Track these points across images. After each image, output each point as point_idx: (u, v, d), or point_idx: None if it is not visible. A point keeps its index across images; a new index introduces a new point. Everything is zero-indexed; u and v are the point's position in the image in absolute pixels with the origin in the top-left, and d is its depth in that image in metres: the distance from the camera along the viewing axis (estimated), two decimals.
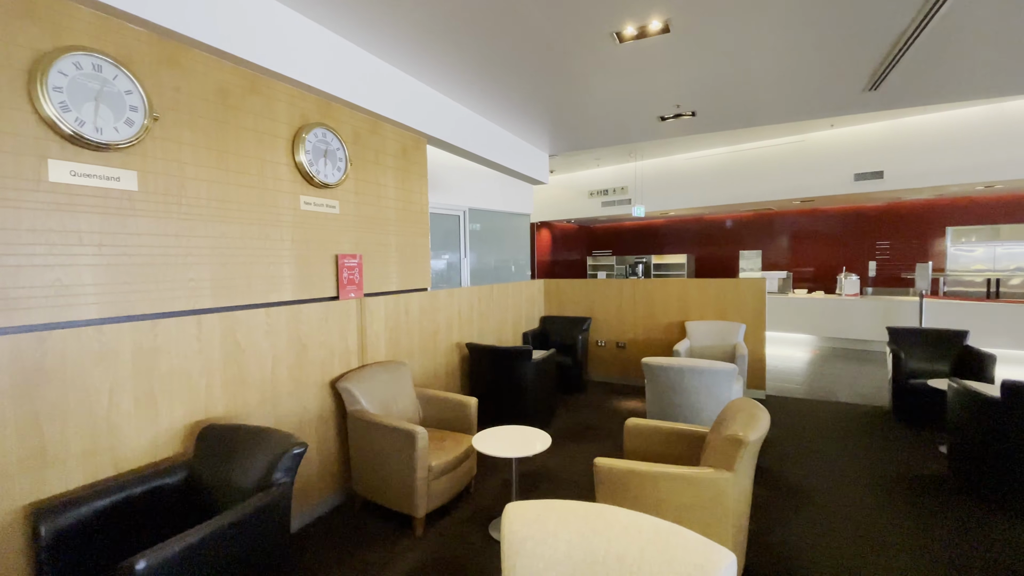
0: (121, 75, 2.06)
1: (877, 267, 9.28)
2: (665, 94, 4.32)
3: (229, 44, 2.42)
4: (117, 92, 2.05)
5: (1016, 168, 6.51)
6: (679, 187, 9.38)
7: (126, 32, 2.13)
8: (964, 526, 2.68)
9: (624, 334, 5.93)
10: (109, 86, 2.02)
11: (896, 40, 3.26)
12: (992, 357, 3.95)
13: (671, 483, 1.94)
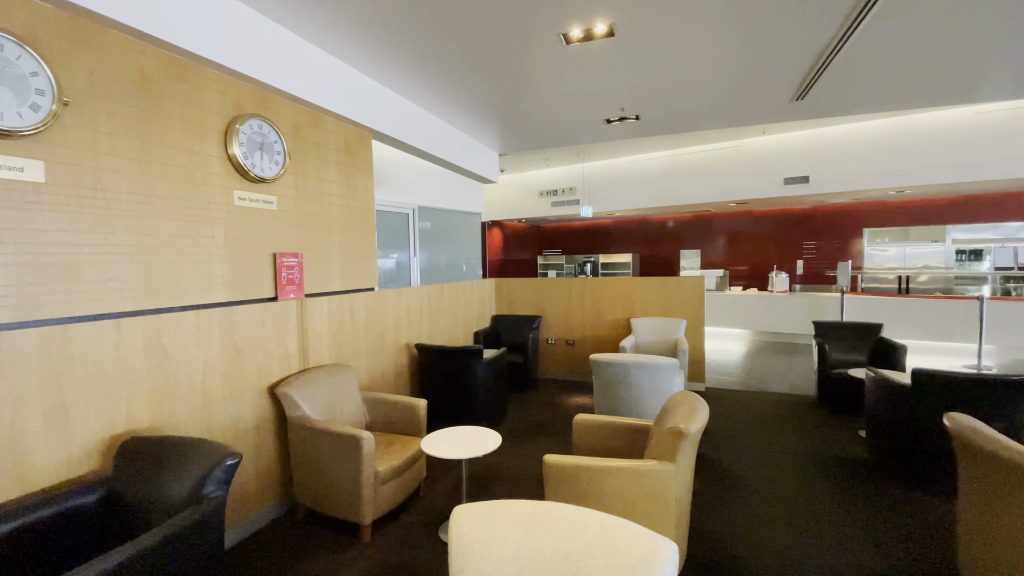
0: (26, 55, 1.86)
1: (804, 265, 9.96)
2: (611, 97, 4.43)
3: (150, 25, 2.24)
4: (21, 74, 1.85)
5: (924, 175, 7.18)
6: (624, 188, 9.65)
7: (32, 8, 1.92)
8: (882, 503, 2.93)
9: (573, 332, 6.03)
10: (11, 67, 1.82)
11: (820, 53, 3.50)
12: (904, 347, 4.33)
13: (617, 477, 1.99)
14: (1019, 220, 8.40)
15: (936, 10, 2.92)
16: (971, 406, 2.81)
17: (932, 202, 8.99)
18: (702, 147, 8.73)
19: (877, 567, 2.33)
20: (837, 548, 2.49)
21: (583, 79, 3.95)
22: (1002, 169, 6.73)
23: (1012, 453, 1.72)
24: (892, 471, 3.27)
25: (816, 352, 4.77)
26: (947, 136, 6.95)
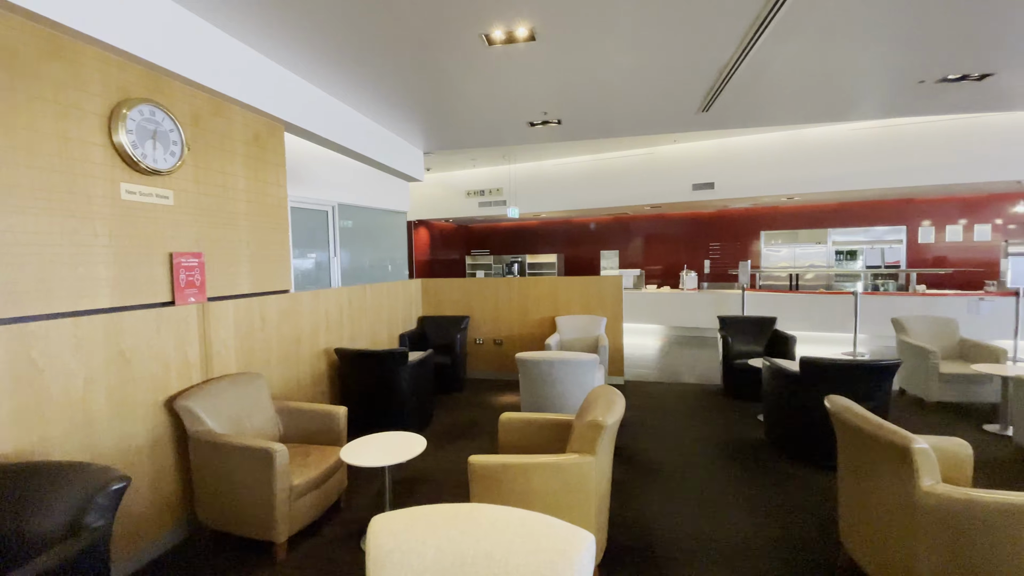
0: None
1: (711, 265, 10.80)
2: (534, 101, 4.51)
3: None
4: None
5: (809, 184, 8.05)
6: (549, 191, 9.90)
7: None
8: (777, 478, 3.23)
9: (501, 331, 6.08)
10: None
11: (722, 69, 3.80)
12: (794, 338, 4.82)
13: (540, 472, 2.03)
14: (885, 225, 9.68)
15: (817, 37, 3.28)
16: (848, 389, 3.19)
17: (816, 208, 10.11)
18: (620, 153, 9.16)
19: (772, 536, 2.58)
20: (739, 522, 2.72)
21: (507, 81, 3.99)
22: (872, 180, 7.72)
23: (877, 429, 1.97)
24: (785, 449, 3.63)
25: (721, 344, 5.18)
26: (828, 150, 7.84)
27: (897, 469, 1.87)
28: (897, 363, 3.25)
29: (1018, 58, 3.68)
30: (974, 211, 9.24)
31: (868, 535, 2.08)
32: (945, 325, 4.98)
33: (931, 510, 1.77)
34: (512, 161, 9.73)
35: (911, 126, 7.36)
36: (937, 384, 4.47)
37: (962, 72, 3.96)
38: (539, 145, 8.20)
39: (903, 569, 1.87)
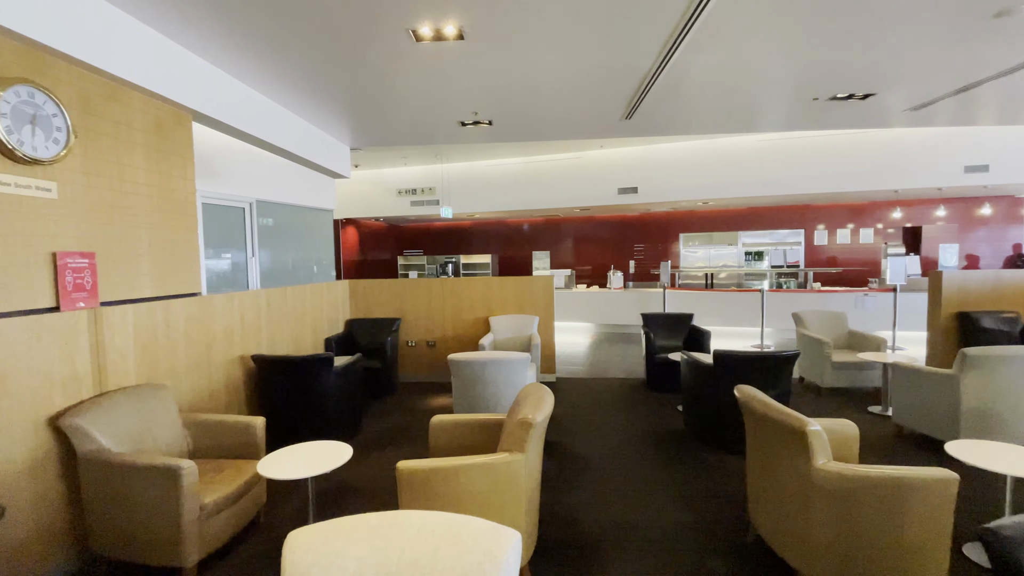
0: None
1: (635, 265, 11.34)
2: (465, 100, 4.50)
3: None
4: None
5: (722, 190, 8.68)
6: (483, 191, 9.91)
7: None
8: (695, 464, 3.45)
9: (434, 332, 6.00)
10: None
11: (643, 78, 4.00)
12: (709, 333, 5.17)
13: (470, 474, 2.02)
14: (787, 228, 10.65)
15: (725, 53, 3.54)
16: (755, 378, 3.47)
17: (728, 212, 10.93)
18: (551, 156, 9.37)
19: (689, 519, 2.75)
20: (660, 508, 2.87)
21: (438, 79, 3.95)
22: (775, 187, 8.46)
23: (778, 414, 2.16)
24: (702, 437, 3.88)
25: (644, 340, 5.44)
26: (738, 158, 8.49)
27: (795, 450, 2.06)
28: (796, 354, 3.58)
29: (895, 81, 4.18)
30: (859, 217, 10.41)
31: (771, 512, 2.28)
32: (836, 318, 5.56)
33: (824, 485, 1.97)
34: (445, 160, 9.64)
35: (807, 139, 8.15)
36: (830, 371, 4.98)
37: (849, 91, 4.44)
38: (472, 145, 8.20)
39: (801, 540, 2.06)
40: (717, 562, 2.37)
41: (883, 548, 1.95)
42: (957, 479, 1.92)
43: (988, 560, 1.26)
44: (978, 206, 9.80)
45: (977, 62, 3.77)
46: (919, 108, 4.94)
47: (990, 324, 5.04)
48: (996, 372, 3.38)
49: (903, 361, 3.99)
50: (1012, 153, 7.45)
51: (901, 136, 7.74)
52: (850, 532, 1.96)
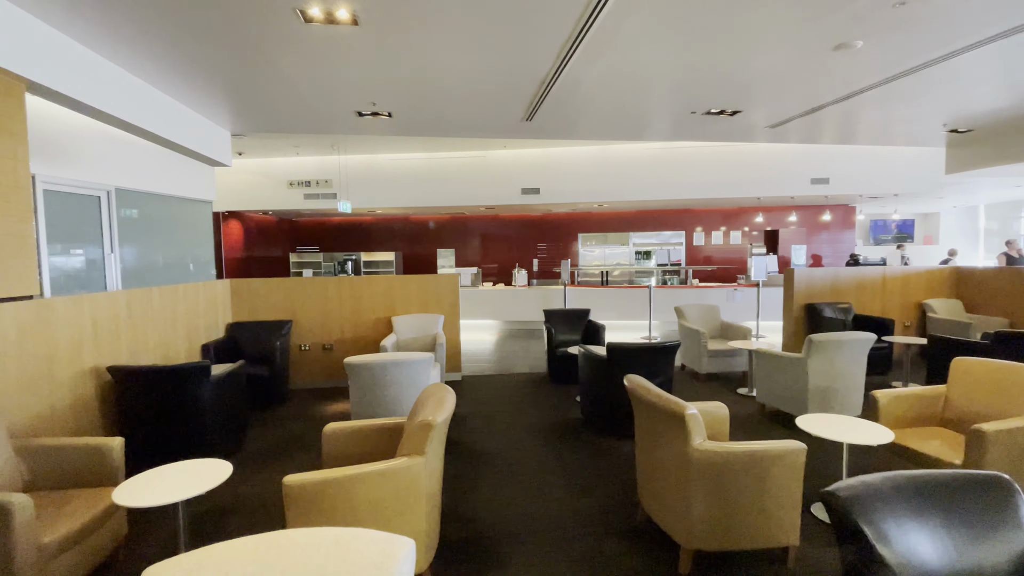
0: None
1: (539, 263, 11.70)
2: (362, 90, 4.29)
3: None
4: None
5: (615, 194, 9.24)
6: (385, 186, 9.56)
7: None
8: (592, 452, 3.64)
9: (331, 335, 5.66)
10: None
11: (542, 82, 4.11)
12: (603, 327, 5.48)
13: (367, 482, 1.93)
14: (671, 230, 11.65)
15: (616, 65, 3.75)
16: (643, 367, 3.74)
17: (621, 215, 11.69)
18: (456, 153, 9.30)
19: (586, 505, 2.89)
20: (559, 497, 2.99)
21: (332, 66, 3.72)
22: (660, 192, 9.20)
23: (661, 400, 2.34)
24: (598, 426, 4.10)
25: (546, 335, 5.63)
26: (629, 165, 9.10)
27: (676, 432, 2.25)
28: (677, 344, 3.93)
29: (757, 101, 4.73)
30: (730, 220, 11.70)
31: (657, 491, 2.47)
32: (711, 311, 6.19)
33: (700, 462, 2.17)
34: (342, 152, 9.14)
35: (688, 149, 8.97)
36: (707, 359, 5.53)
37: (720, 108, 4.95)
38: (373, 137, 7.86)
39: (682, 515, 2.25)
40: (611, 544, 2.51)
41: (749, 513, 2.20)
42: (805, 449, 2.23)
43: (829, 517, 1.46)
44: (821, 213, 11.49)
45: (821, 88, 4.40)
46: (776, 126, 5.66)
47: (831, 314, 5.94)
48: (835, 354, 3.99)
49: (764, 347, 4.55)
50: (848, 168, 8.84)
51: (763, 150, 8.82)
52: (723, 503, 2.18)
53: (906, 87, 4.31)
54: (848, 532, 1.39)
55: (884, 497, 1.45)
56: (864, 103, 4.77)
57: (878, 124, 5.75)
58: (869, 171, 8.80)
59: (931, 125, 5.81)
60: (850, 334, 4.01)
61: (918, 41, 3.38)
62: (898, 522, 1.41)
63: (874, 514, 1.40)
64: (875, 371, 5.29)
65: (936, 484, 1.51)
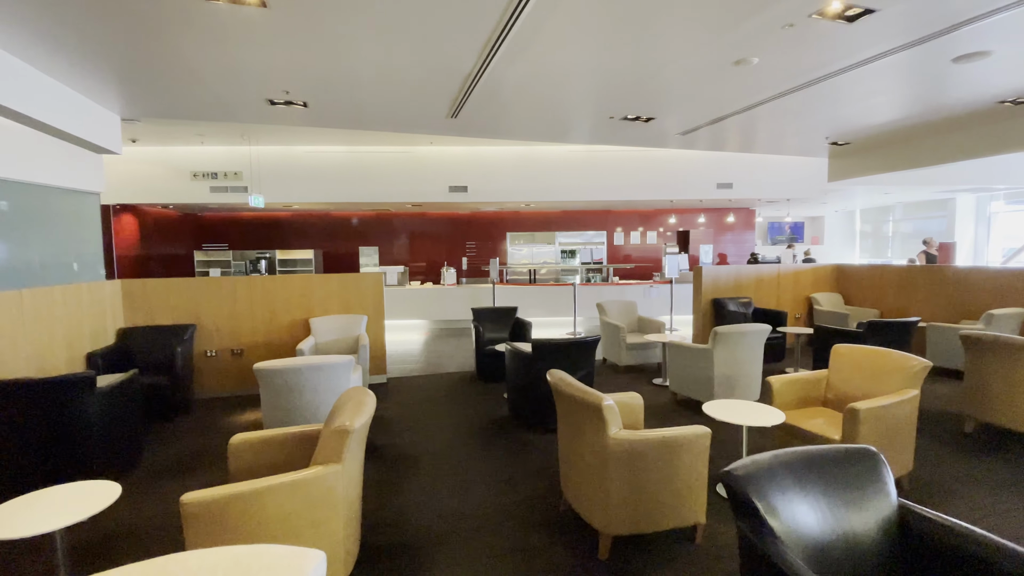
0: None
1: (468, 262, 11.66)
2: (273, 77, 4.03)
3: None
4: None
5: (540, 194, 9.42)
6: (303, 180, 9.05)
7: None
8: (518, 448, 3.69)
9: (241, 339, 5.27)
10: None
11: (465, 79, 4.08)
12: (530, 324, 5.58)
13: (278, 495, 1.82)
14: (593, 230, 12.09)
15: (537, 67, 3.82)
16: (567, 362, 3.86)
17: (547, 214, 11.95)
18: (379, 148, 9.01)
19: (511, 500, 2.92)
20: (485, 494, 3.00)
21: (237, 49, 3.44)
22: (583, 194, 9.51)
23: (580, 393, 2.42)
24: (524, 420, 4.17)
25: (474, 334, 5.63)
26: (554, 166, 9.32)
27: (594, 423, 2.34)
28: (597, 338, 4.08)
29: (669, 108, 5.02)
30: (647, 221, 12.36)
31: (578, 481, 2.55)
32: (630, 306, 6.51)
33: (616, 451, 2.27)
34: (254, 142, 8.53)
35: (608, 153, 9.35)
36: (626, 352, 5.81)
37: (636, 114, 5.20)
38: (288, 128, 7.41)
39: (601, 502, 2.35)
40: (536, 536, 2.56)
41: (661, 496, 2.34)
42: (709, 433, 2.41)
43: (727, 495, 1.59)
44: (726, 215, 12.47)
45: (724, 100, 4.75)
46: (686, 133, 6.05)
47: (734, 308, 6.46)
48: (736, 345, 4.34)
49: (676, 340, 4.86)
50: (748, 174, 9.66)
51: (675, 156, 9.41)
52: (637, 487, 2.30)
53: (795, 102, 4.78)
54: (743, 507, 1.52)
55: (773, 473, 1.60)
56: (761, 115, 5.24)
57: (773, 135, 6.34)
58: (766, 178, 9.69)
59: (816, 137, 6.49)
60: (749, 326, 4.39)
61: (805, 61, 3.76)
62: (785, 495, 1.56)
63: (764, 489, 1.54)
64: (771, 359, 5.84)
65: (817, 459, 1.69)
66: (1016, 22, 3.11)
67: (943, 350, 5.54)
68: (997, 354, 3.64)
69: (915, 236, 12.24)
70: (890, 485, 1.69)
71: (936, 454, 3.50)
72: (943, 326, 5.62)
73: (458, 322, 9.48)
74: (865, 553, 1.59)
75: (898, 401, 2.81)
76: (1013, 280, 5.55)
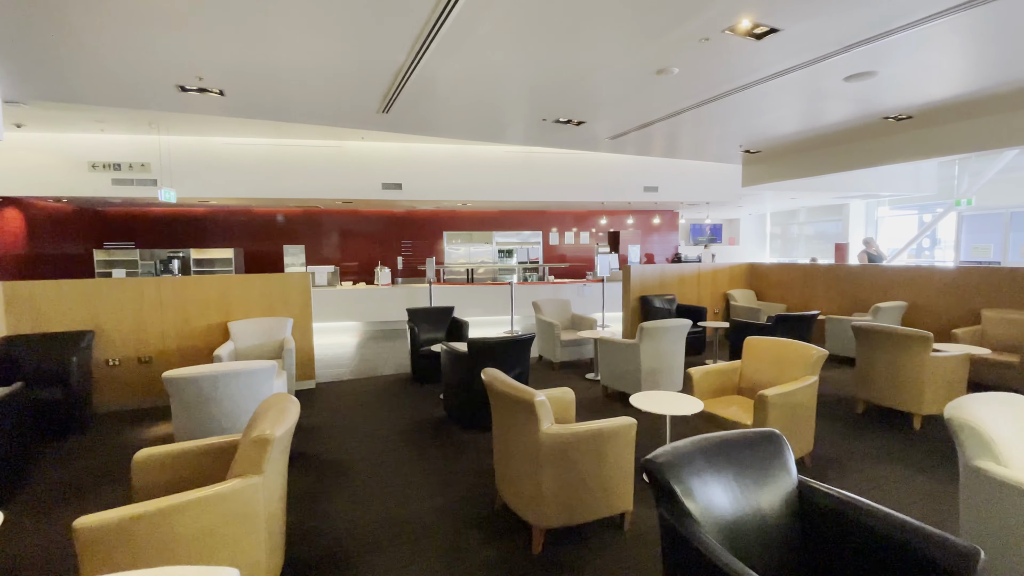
0: None
1: (403, 261, 11.42)
2: (184, 62, 3.72)
3: None
4: None
5: (477, 193, 9.42)
6: (222, 173, 8.44)
7: None
8: (454, 448, 3.66)
9: (150, 346, 4.83)
10: None
11: (397, 73, 3.99)
12: (467, 323, 5.56)
13: (189, 512, 1.69)
14: (530, 229, 12.26)
15: (471, 65, 3.82)
16: (503, 361, 3.88)
17: (484, 214, 11.97)
18: (308, 142, 8.60)
19: (448, 501, 2.90)
20: (421, 498, 2.95)
21: (142, 30, 3.15)
22: (519, 194, 9.62)
23: (513, 390, 2.45)
24: (461, 421, 4.15)
25: (409, 335, 5.52)
26: (490, 166, 9.34)
27: (527, 420, 2.38)
28: (532, 336, 4.15)
29: (599, 113, 5.19)
30: (581, 222, 12.72)
31: (512, 478, 2.58)
32: (564, 305, 6.67)
33: (548, 445, 2.32)
34: (163, 131, 7.84)
35: (543, 155, 9.52)
36: (560, 349, 5.95)
37: (567, 118, 5.33)
38: (204, 117, 6.88)
39: (534, 497, 2.39)
40: (470, 536, 2.56)
41: (591, 487, 2.42)
42: (635, 424, 2.52)
43: (649, 481, 1.67)
44: (653, 217, 13.11)
45: (649, 107, 4.99)
46: (615, 138, 6.29)
47: (659, 304, 6.80)
48: (661, 339, 4.58)
49: (606, 336, 5.05)
50: (673, 179, 10.21)
51: (606, 160, 9.75)
52: (569, 480, 2.37)
53: (713, 112, 5.11)
54: (663, 492, 1.61)
55: (690, 459, 1.70)
56: (683, 123, 5.55)
57: (694, 142, 6.74)
58: (688, 182, 10.30)
59: (731, 145, 6.99)
60: (672, 321, 4.65)
61: (720, 73, 4.03)
62: (701, 478, 1.67)
63: (682, 474, 1.64)
64: (693, 351, 6.22)
65: (728, 443, 1.82)
66: (898, 46, 3.51)
67: (839, 340, 6.15)
68: (882, 342, 4.10)
69: (817, 238, 13.51)
70: (791, 464, 1.85)
71: (833, 434, 3.89)
72: (839, 318, 6.25)
73: (393, 323, 9.26)
74: (772, 527, 1.73)
75: (800, 387, 3.09)
76: (896, 277, 6.28)
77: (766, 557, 1.67)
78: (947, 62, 3.88)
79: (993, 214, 9.69)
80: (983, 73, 4.13)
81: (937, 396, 3.87)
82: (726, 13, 2.97)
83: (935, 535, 1.45)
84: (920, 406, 3.89)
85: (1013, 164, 9.26)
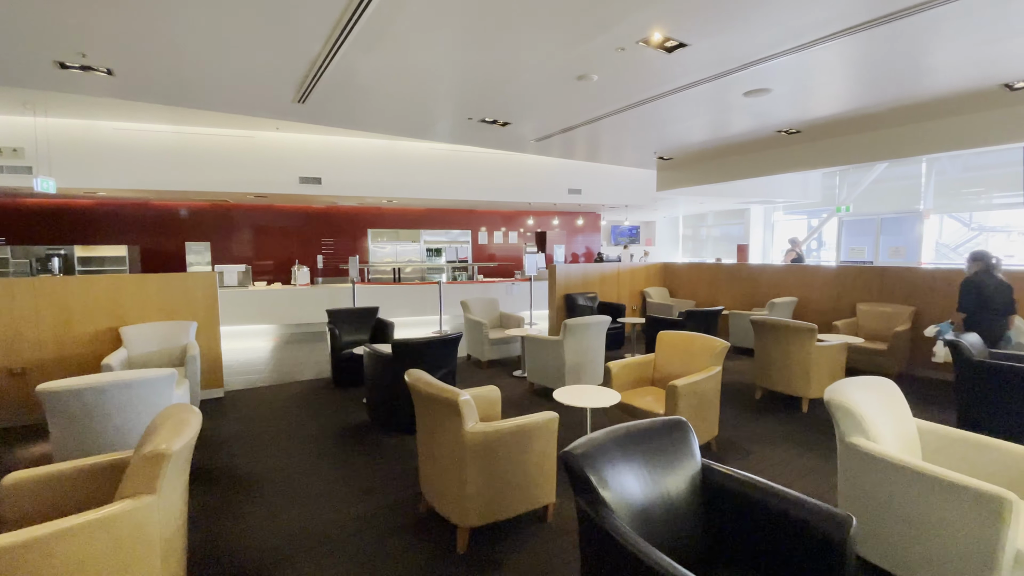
0: None
1: (324, 260, 10.90)
2: (65, 36, 3.31)
3: None
4: None
5: (403, 190, 9.21)
6: (113, 162, 7.58)
7: None
8: (378, 453, 3.56)
9: (23, 355, 4.23)
10: None
11: (313, 62, 3.81)
12: (392, 324, 5.43)
13: (71, 539, 1.50)
14: (459, 228, 12.20)
15: (392, 58, 3.73)
16: (429, 361, 3.83)
17: (411, 212, 11.73)
18: (215, 130, 7.95)
19: (371, 507, 2.81)
20: (343, 506, 2.84)
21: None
22: (446, 192, 9.54)
23: (438, 391, 2.43)
24: (385, 425, 4.04)
25: (329, 337, 5.29)
26: (417, 162, 9.18)
27: (452, 420, 2.37)
28: (459, 336, 4.13)
29: (524, 115, 5.28)
30: (509, 222, 12.86)
31: (437, 478, 2.56)
32: (492, 303, 6.72)
33: (472, 444, 2.33)
34: (41, 112, 6.89)
35: (471, 154, 9.51)
36: (488, 347, 5.98)
37: (493, 118, 5.37)
38: (92, 99, 6.15)
39: (458, 497, 2.39)
40: (394, 541, 2.51)
41: (516, 482, 2.46)
42: (557, 417, 2.60)
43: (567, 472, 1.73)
44: (577, 218, 13.56)
45: (572, 111, 5.15)
46: (541, 140, 6.43)
47: (582, 302, 7.05)
48: (583, 335, 4.75)
49: (533, 333, 5.15)
50: (595, 182, 10.61)
51: (533, 162, 9.94)
52: (493, 477, 2.39)
53: (630, 119, 5.38)
54: (579, 482, 1.68)
55: (605, 449, 1.78)
56: (603, 129, 5.80)
57: (613, 147, 7.06)
58: (609, 186, 10.77)
59: (647, 152, 7.40)
60: (593, 318, 4.84)
61: (635, 83, 4.26)
62: (614, 467, 1.75)
63: (597, 464, 1.71)
64: (613, 346, 6.51)
65: (640, 432, 1.93)
66: (787, 67, 3.90)
67: (740, 332, 6.73)
68: (775, 334, 4.54)
69: (723, 240, 14.66)
70: (696, 448, 2.00)
71: (735, 418, 4.25)
72: (740, 313, 6.83)
73: (313, 325, 8.81)
74: (679, 509, 1.86)
75: (706, 377, 3.34)
76: (787, 275, 6.98)
77: (673, 536, 1.79)
78: (829, 82, 4.38)
79: (867, 219, 11.06)
80: (857, 95, 4.71)
81: (821, 381, 4.36)
82: (640, 24, 3.15)
83: (816, 506, 1.63)
84: (807, 390, 4.36)
85: (883, 176, 10.66)
